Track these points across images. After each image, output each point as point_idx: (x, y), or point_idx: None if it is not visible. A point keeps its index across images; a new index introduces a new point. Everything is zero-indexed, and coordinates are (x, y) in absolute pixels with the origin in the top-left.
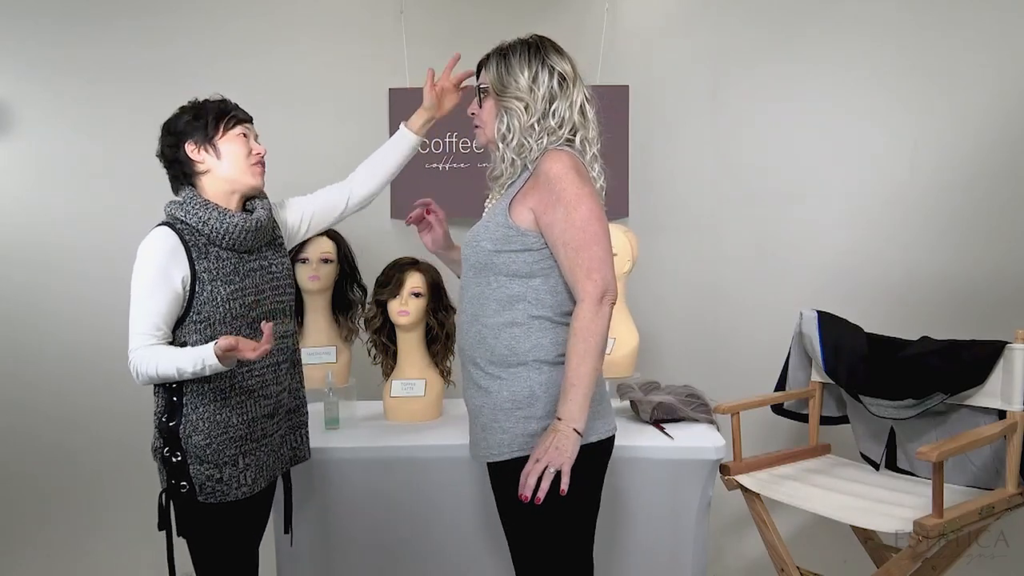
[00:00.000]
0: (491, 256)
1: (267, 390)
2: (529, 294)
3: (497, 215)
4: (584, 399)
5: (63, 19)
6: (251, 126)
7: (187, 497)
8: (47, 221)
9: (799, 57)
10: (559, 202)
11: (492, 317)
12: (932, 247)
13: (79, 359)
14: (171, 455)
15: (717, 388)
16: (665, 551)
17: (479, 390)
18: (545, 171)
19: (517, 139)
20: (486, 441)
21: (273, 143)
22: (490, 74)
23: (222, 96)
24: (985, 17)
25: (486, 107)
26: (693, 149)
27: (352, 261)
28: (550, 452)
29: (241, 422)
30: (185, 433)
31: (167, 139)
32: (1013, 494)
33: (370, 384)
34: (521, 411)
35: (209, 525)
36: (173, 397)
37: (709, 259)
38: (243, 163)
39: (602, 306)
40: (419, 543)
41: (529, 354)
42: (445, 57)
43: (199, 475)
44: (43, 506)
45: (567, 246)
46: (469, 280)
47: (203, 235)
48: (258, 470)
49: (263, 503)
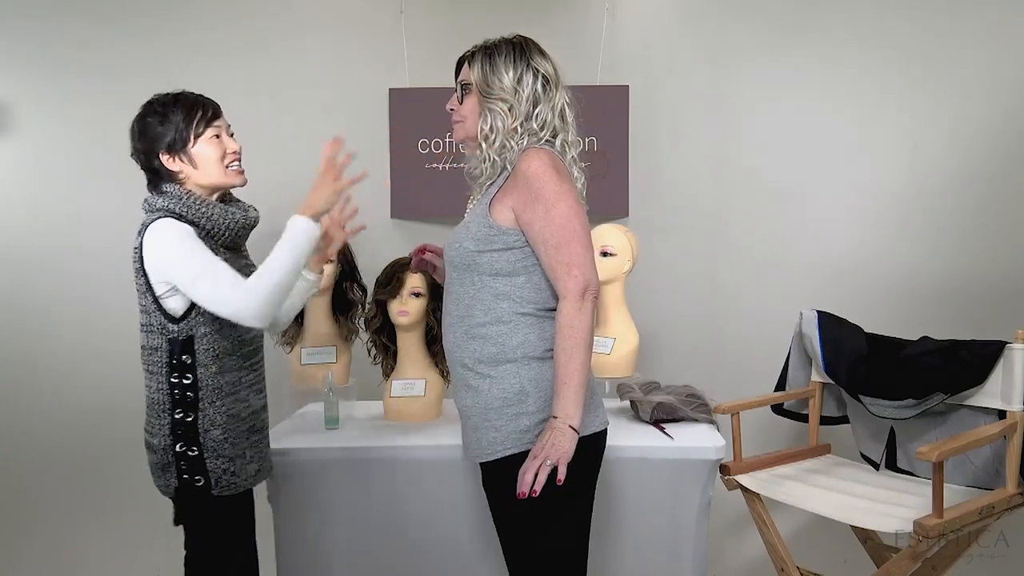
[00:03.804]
0: (474, 256)
1: (260, 384)
2: (514, 292)
3: (478, 215)
4: (577, 395)
5: (63, 19)
6: (220, 122)
7: (201, 491)
8: (47, 221)
9: (799, 57)
10: (538, 200)
11: (478, 316)
12: (932, 247)
13: (80, 359)
14: (186, 450)
15: (717, 388)
16: (665, 551)
17: (469, 390)
18: (524, 170)
19: (500, 140)
20: (478, 441)
21: (273, 143)
22: (475, 73)
23: (186, 93)
24: (985, 17)
25: (468, 104)
26: (693, 149)
27: (352, 261)
28: (547, 449)
29: (248, 415)
30: (203, 428)
31: (138, 145)
32: (1013, 494)
33: (370, 384)
34: (512, 408)
35: (218, 517)
36: (188, 392)
37: (709, 259)
38: (218, 167)
39: (584, 301)
40: (419, 543)
41: (517, 351)
42: (445, 57)
43: (216, 469)
44: (43, 505)
45: (547, 243)
46: (453, 281)
47: (204, 229)
48: (261, 461)
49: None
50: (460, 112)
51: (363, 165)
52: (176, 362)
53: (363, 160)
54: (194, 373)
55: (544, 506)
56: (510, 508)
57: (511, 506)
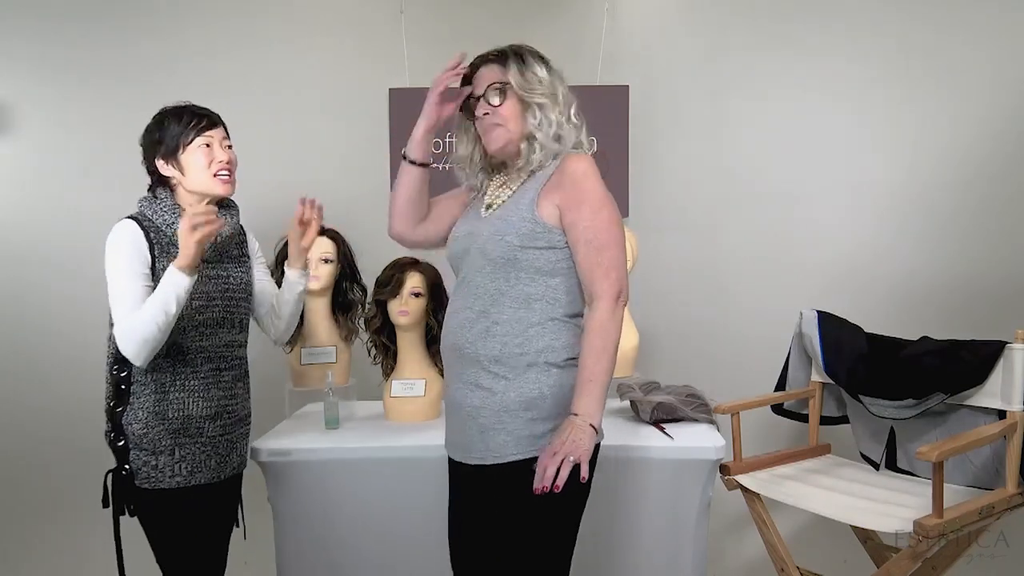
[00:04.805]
0: (516, 251)
1: (208, 392)
2: (548, 293)
3: (522, 210)
4: (601, 396)
5: (63, 19)
6: (214, 132)
7: (128, 480)
8: (46, 220)
9: (799, 57)
10: (585, 201)
11: (505, 314)
12: (932, 247)
13: (80, 358)
14: (116, 439)
15: (717, 388)
16: (665, 551)
17: (480, 390)
18: (572, 170)
19: (554, 130)
20: (485, 443)
21: (273, 143)
22: (511, 73)
23: (184, 104)
24: (985, 16)
25: (508, 105)
26: (693, 149)
27: (352, 261)
28: (567, 445)
29: (176, 417)
30: (127, 420)
31: (144, 150)
32: (1013, 494)
33: (370, 384)
34: (529, 412)
35: (155, 511)
36: (121, 385)
37: (709, 259)
38: (205, 175)
39: (617, 306)
40: (419, 543)
41: (540, 355)
42: (445, 57)
43: (136, 460)
44: (43, 505)
45: (590, 244)
46: (484, 274)
47: (166, 236)
48: (194, 465)
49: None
50: (500, 114)
51: (363, 165)
52: (117, 354)
53: (363, 160)
54: (129, 368)
55: (549, 508)
56: (512, 510)
57: (514, 508)
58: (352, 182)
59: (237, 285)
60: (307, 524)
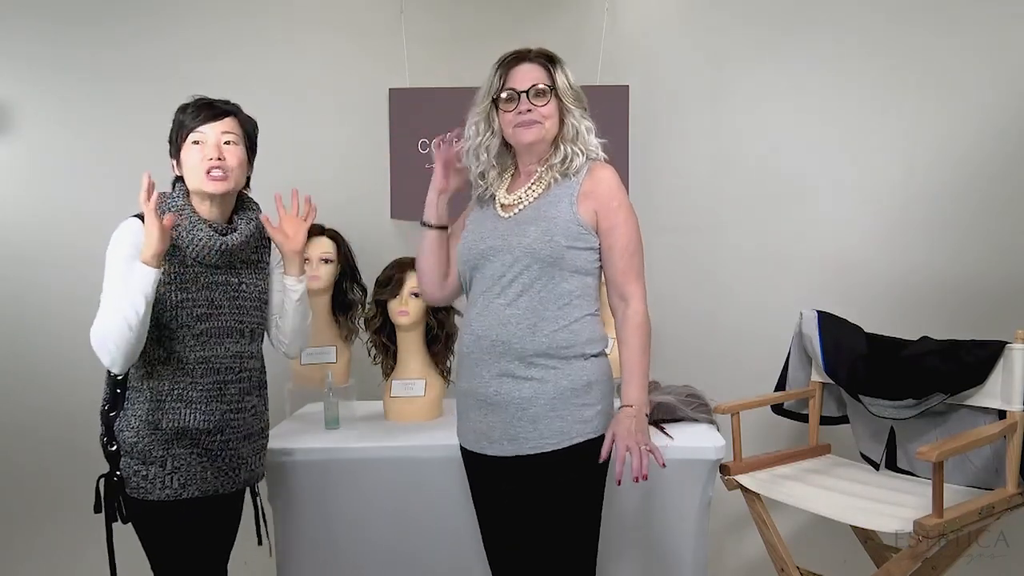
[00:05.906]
0: (563, 251)
1: (209, 405)
2: (585, 291)
3: (562, 211)
4: (645, 386)
5: (62, 19)
6: (208, 128)
7: (118, 487)
8: (46, 220)
9: (798, 57)
10: (621, 208)
11: (551, 311)
12: (932, 247)
13: (80, 358)
14: (108, 444)
15: (717, 388)
16: (665, 551)
17: (529, 382)
18: (607, 178)
19: (584, 135)
20: (538, 431)
21: (273, 143)
22: (559, 77)
23: (192, 98)
24: (984, 16)
25: (551, 106)
26: (693, 149)
27: (352, 261)
28: (636, 434)
29: (171, 428)
30: (119, 426)
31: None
32: (1013, 494)
33: (370, 384)
34: (580, 399)
35: (145, 522)
36: (117, 390)
37: (709, 259)
38: (196, 172)
39: (645, 305)
40: (419, 543)
41: (585, 347)
42: (445, 57)
43: (127, 468)
44: (42, 505)
45: (625, 248)
46: (532, 273)
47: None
48: (188, 478)
49: (211, 514)
50: (541, 112)
51: (363, 165)
52: None
53: (363, 160)
54: (126, 373)
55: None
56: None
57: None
58: (352, 182)
59: (250, 293)
60: (307, 524)
